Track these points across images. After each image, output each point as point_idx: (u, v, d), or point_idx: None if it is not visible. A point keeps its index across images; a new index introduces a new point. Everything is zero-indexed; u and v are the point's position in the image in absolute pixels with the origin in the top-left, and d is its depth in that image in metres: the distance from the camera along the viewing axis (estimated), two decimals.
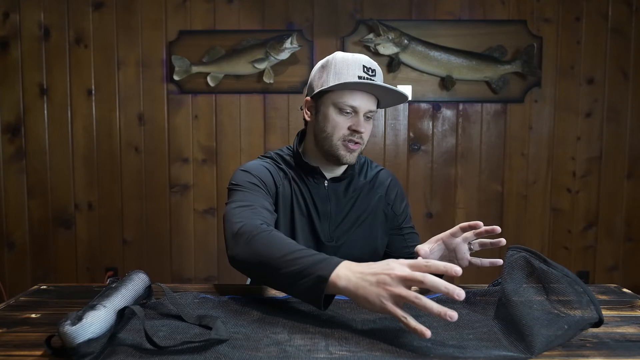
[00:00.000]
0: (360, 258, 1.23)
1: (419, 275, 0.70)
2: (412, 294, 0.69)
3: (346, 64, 1.12)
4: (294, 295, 0.82)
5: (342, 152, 1.15)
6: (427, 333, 0.67)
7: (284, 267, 0.82)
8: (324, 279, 0.76)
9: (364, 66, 1.12)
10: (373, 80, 1.12)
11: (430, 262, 0.72)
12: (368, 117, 1.16)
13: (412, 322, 0.69)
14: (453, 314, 0.66)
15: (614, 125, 2.56)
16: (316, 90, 1.17)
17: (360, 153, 1.22)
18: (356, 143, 1.15)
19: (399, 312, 0.70)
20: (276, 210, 1.17)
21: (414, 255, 1.23)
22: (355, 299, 0.75)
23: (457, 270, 0.68)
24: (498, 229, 0.97)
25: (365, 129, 1.15)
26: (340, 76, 1.12)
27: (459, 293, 0.66)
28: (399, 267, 0.73)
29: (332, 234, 1.21)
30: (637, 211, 2.59)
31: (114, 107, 2.56)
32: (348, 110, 1.13)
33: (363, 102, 1.13)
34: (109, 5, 2.52)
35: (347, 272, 0.76)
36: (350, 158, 1.16)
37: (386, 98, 1.18)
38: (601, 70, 2.54)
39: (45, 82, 2.55)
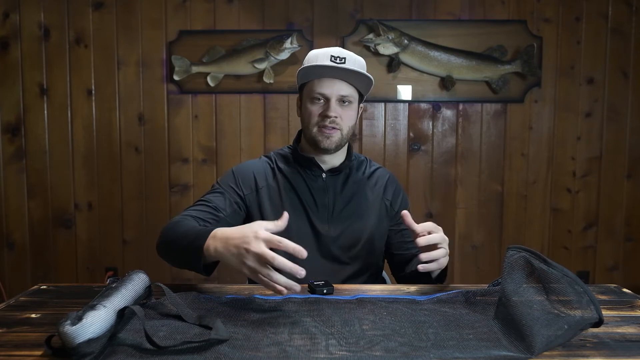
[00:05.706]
0: (356, 248, 1.25)
1: (269, 254, 0.80)
2: (264, 269, 0.81)
3: (315, 57, 1.21)
4: (190, 266, 1.00)
5: (319, 137, 1.21)
6: (302, 272, 0.79)
7: (180, 243, 0.99)
8: (200, 248, 0.91)
9: (331, 55, 1.18)
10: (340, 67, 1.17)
11: (284, 241, 0.81)
12: (344, 103, 1.21)
13: (281, 278, 0.81)
14: (302, 271, 0.79)
15: (614, 125, 2.56)
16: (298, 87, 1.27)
17: (344, 140, 1.23)
18: (332, 128, 1.19)
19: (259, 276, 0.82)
20: (263, 205, 1.23)
21: (413, 249, 1.27)
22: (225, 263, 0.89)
23: (303, 253, 0.80)
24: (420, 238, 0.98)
25: (339, 113, 1.19)
26: (307, 68, 1.19)
27: (300, 272, 0.79)
28: (254, 242, 0.82)
29: (330, 224, 1.24)
30: (637, 211, 2.59)
31: (114, 107, 2.56)
32: (319, 98, 1.20)
33: (330, 88, 1.19)
34: (109, 5, 2.52)
35: (215, 243, 0.89)
36: (328, 143, 1.20)
37: (359, 83, 1.22)
38: (601, 70, 2.54)
39: (45, 82, 2.55)
